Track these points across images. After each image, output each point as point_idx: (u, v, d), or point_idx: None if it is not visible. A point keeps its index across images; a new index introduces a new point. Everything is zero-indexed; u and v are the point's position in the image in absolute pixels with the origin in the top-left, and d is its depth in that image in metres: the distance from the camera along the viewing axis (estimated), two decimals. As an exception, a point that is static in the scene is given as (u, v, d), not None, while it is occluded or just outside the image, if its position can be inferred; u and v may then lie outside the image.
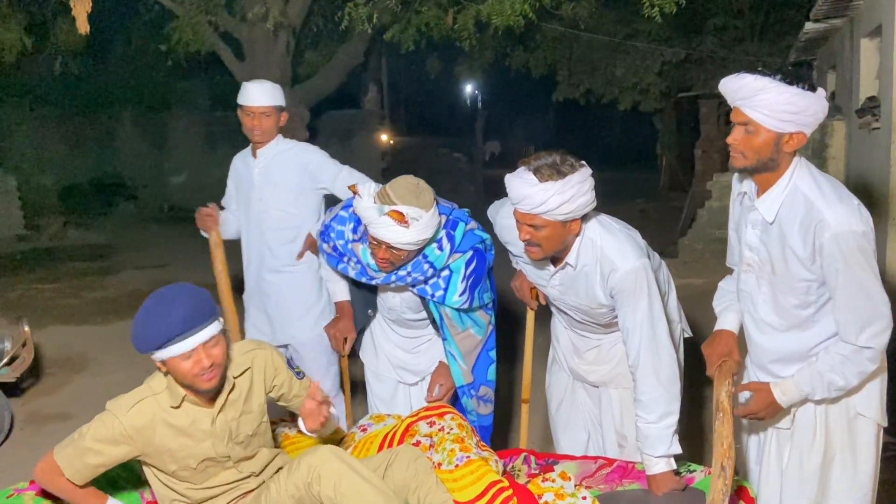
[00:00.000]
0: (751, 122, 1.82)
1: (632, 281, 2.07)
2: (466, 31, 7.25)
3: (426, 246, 2.26)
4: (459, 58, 12.01)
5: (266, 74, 8.07)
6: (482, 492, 1.99)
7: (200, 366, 1.79)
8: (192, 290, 1.84)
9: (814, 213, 1.81)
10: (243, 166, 3.03)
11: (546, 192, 1.97)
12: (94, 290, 7.43)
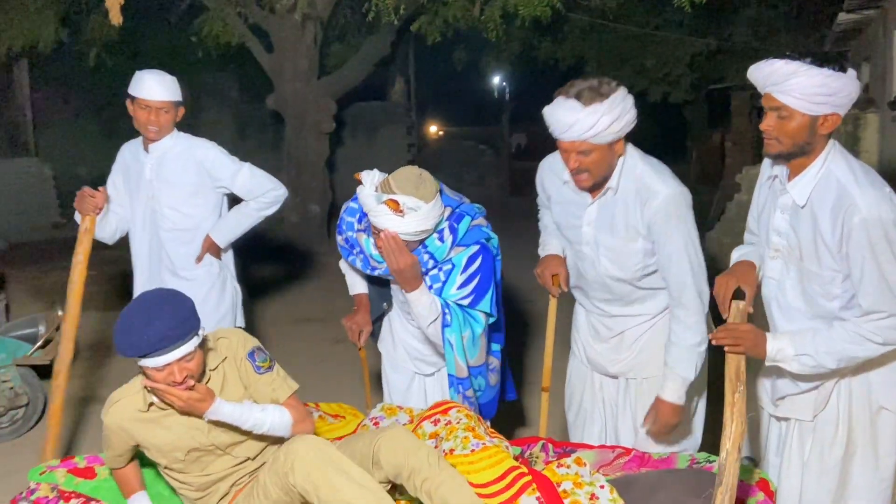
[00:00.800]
0: (784, 107, 1.81)
1: (673, 206, 2.11)
2: (493, 22, 7.25)
3: (427, 237, 2.25)
4: (486, 49, 11.98)
5: (294, 66, 8.16)
6: (500, 475, 1.98)
7: (173, 378, 1.82)
8: (175, 302, 1.84)
9: (845, 198, 1.80)
10: (133, 159, 2.90)
11: (594, 114, 2.01)
12: (124, 278, 7.60)
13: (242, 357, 2.01)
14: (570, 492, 1.95)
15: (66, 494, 2.10)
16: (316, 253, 8.04)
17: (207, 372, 1.97)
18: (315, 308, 6.24)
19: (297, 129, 8.30)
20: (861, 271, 1.80)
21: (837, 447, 1.98)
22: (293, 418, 1.99)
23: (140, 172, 2.87)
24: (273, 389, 2.01)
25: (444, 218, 2.28)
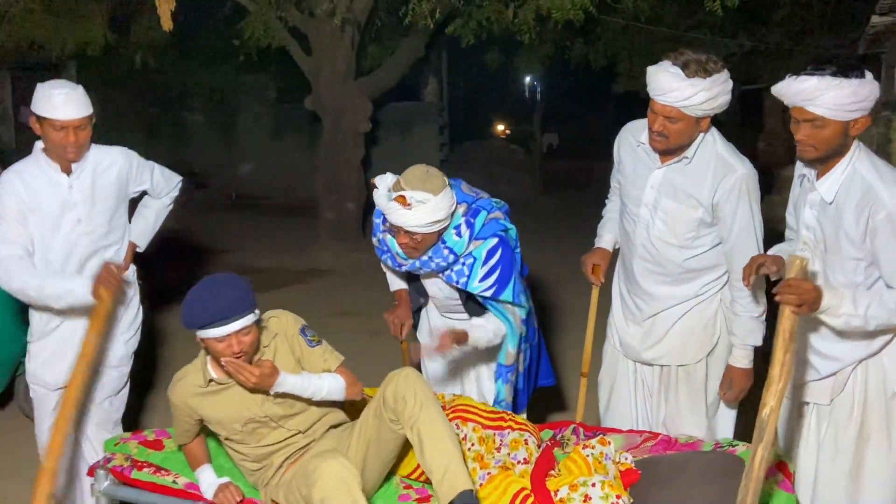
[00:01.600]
0: (818, 118, 1.93)
1: (748, 184, 2.26)
2: (527, 24, 7.38)
3: (445, 230, 2.40)
4: (519, 50, 12.08)
5: (332, 68, 8.37)
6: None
7: (231, 350, 2.04)
8: (237, 282, 2.09)
9: (870, 195, 1.93)
10: (44, 186, 2.53)
11: (694, 87, 2.14)
12: (170, 270, 7.90)
13: (294, 333, 2.23)
14: (567, 498, 2.02)
15: (139, 464, 2.32)
16: (352, 249, 8.25)
17: (261, 348, 2.16)
18: (352, 301, 6.44)
19: (334, 129, 8.51)
20: (891, 263, 1.93)
21: (851, 429, 2.09)
22: (346, 382, 2.20)
23: (60, 199, 2.54)
24: (324, 360, 2.23)
25: (461, 213, 2.43)
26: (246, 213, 11.60)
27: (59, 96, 2.45)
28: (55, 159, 2.53)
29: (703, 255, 2.40)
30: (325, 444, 2.28)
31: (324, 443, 2.29)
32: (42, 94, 2.47)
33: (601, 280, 2.68)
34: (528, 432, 2.40)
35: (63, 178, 2.55)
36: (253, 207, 12.28)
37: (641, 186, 2.43)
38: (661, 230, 2.42)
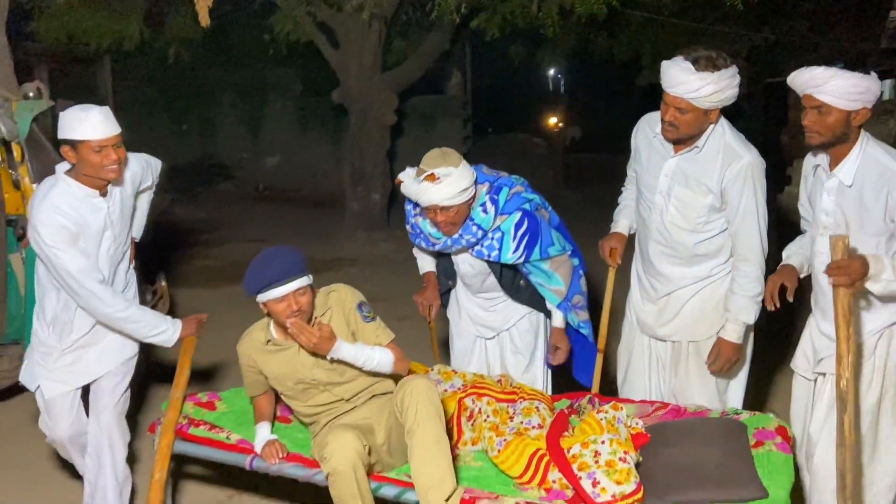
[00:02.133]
0: (824, 105, 2.15)
1: (753, 171, 2.44)
2: (550, 18, 7.53)
3: (473, 204, 2.63)
4: (542, 44, 12.19)
5: (359, 62, 8.58)
6: (527, 464, 2.30)
7: (290, 309, 2.27)
8: (290, 250, 2.34)
9: (887, 173, 2.14)
10: (89, 214, 2.51)
11: (702, 80, 2.34)
12: (201, 259, 8.20)
13: (352, 308, 2.45)
14: (578, 454, 2.22)
15: (196, 421, 2.57)
16: (377, 239, 8.48)
17: (315, 317, 2.38)
18: (378, 289, 6.65)
19: (361, 121, 8.72)
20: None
21: (871, 396, 2.25)
22: (394, 357, 2.43)
23: (100, 222, 2.54)
24: (377, 335, 2.45)
25: (484, 192, 2.65)
26: (273, 205, 11.88)
27: (95, 117, 2.40)
28: (88, 183, 2.47)
29: (713, 238, 2.58)
30: (361, 414, 2.49)
31: (361, 411, 2.50)
32: (73, 118, 2.40)
33: (618, 262, 2.88)
34: (538, 400, 2.60)
35: (102, 203, 2.52)
36: (280, 199, 12.56)
37: (656, 175, 2.62)
38: (674, 216, 2.60)
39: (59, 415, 2.65)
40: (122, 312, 2.51)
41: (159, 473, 2.39)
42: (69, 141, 2.41)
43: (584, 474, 2.13)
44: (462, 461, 2.47)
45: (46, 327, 2.61)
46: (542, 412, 2.53)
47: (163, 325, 2.60)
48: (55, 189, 2.46)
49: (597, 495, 2.08)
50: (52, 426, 2.68)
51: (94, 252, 2.51)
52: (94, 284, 2.45)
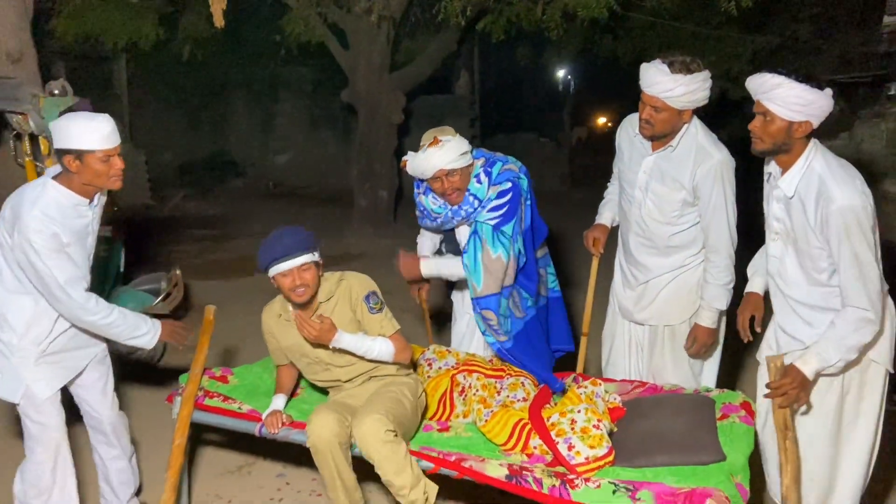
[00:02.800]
0: (768, 112, 2.21)
1: (723, 169, 2.62)
2: (554, 21, 7.73)
3: (471, 171, 2.88)
4: (548, 46, 12.38)
5: (368, 62, 8.80)
6: (511, 432, 2.52)
7: (294, 283, 2.48)
8: (298, 229, 2.55)
9: (823, 189, 2.18)
10: (75, 220, 2.49)
11: (675, 81, 2.54)
12: (213, 252, 8.45)
13: (359, 298, 2.63)
14: (557, 422, 2.43)
15: (210, 393, 2.79)
16: (383, 235, 8.70)
17: (317, 302, 2.59)
18: (383, 282, 6.82)
19: (369, 120, 8.95)
20: (839, 252, 2.17)
21: (833, 394, 2.32)
22: (395, 348, 2.61)
23: (86, 226, 2.55)
24: (381, 326, 2.63)
25: (479, 166, 2.90)
26: (283, 201, 12.13)
27: (104, 126, 2.39)
28: (81, 191, 2.46)
29: (686, 231, 2.79)
30: (357, 393, 2.69)
31: (358, 391, 2.70)
32: (79, 128, 2.36)
33: (600, 251, 3.10)
34: (524, 377, 2.82)
35: (87, 210, 2.52)
36: (290, 196, 12.80)
37: (636, 171, 2.84)
38: (650, 209, 2.82)
39: (52, 412, 2.58)
40: (105, 319, 2.48)
41: (180, 439, 2.61)
42: (74, 150, 2.36)
43: (561, 440, 2.34)
44: (454, 431, 2.69)
45: (15, 335, 2.51)
46: (526, 387, 2.75)
47: (143, 328, 2.57)
48: (45, 197, 2.40)
49: (572, 458, 2.29)
50: (46, 428, 2.57)
51: (81, 259, 2.49)
52: (80, 294, 2.42)
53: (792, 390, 2.17)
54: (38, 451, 2.56)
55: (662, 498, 2.09)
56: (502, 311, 2.90)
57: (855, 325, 2.17)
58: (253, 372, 3.03)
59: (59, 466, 2.59)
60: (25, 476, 2.61)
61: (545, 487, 2.22)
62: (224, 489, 3.19)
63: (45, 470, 2.56)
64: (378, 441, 2.35)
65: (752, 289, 2.60)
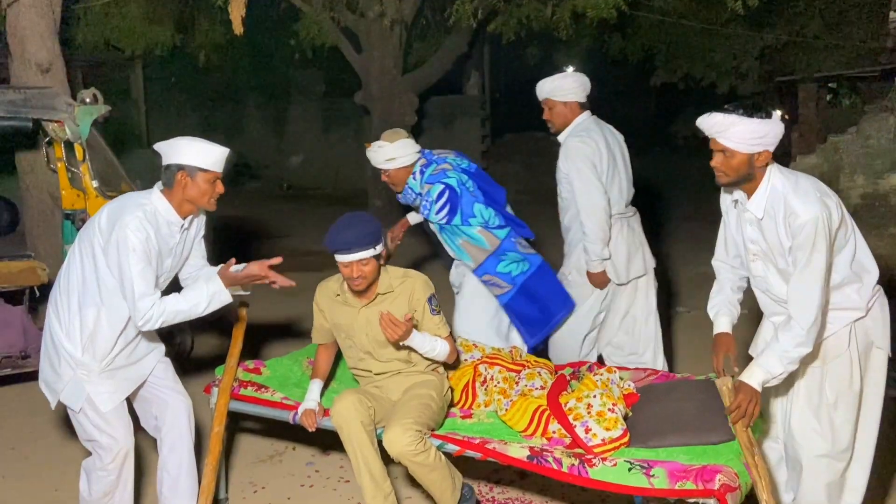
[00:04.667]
0: (727, 149, 2.30)
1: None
2: (563, 22, 7.87)
3: (408, 172, 3.40)
4: (558, 45, 12.50)
5: (380, 65, 8.97)
6: (531, 419, 2.65)
7: (352, 274, 2.64)
8: (364, 221, 2.68)
9: (787, 206, 2.27)
10: (167, 237, 2.62)
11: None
12: (229, 255, 8.63)
13: (420, 299, 2.76)
14: (574, 407, 2.57)
15: (245, 383, 2.96)
16: (398, 234, 8.86)
17: (376, 293, 2.73)
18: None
19: (383, 122, 9.09)
20: (796, 260, 2.27)
21: (855, 384, 2.40)
22: (450, 351, 2.80)
23: (170, 248, 2.66)
24: (438, 327, 2.79)
25: (419, 165, 3.41)
26: (297, 202, 12.32)
27: (220, 151, 2.59)
28: (181, 210, 2.60)
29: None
30: (381, 386, 2.83)
31: (383, 384, 2.83)
32: (200, 148, 2.55)
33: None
34: (541, 367, 2.98)
35: (178, 231, 2.64)
36: (304, 197, 12.98)
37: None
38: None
39: (118, 422, 2.64)
40: (160, 321, 2.53)
41: (218, 427, 2.77)
42: (188, 167, 2.53)
43: (578, 423, 2.48)
44: (476, 418, 2.84)
45: (80, 346, 2.59)
46: (543, 376, 2.89)
47: (202, 304, 2.60)
48: (150, 204, 2.57)
49: (589, 440, 2.43)
50: (114, 438, 2.64)
51: (154, 275, 2.56)
52: (144, 306, 2.48)
53: (749, 406, 2.28)
54: (107, 459, 2.64)
55: (675, 474, 2.23)
56: (500, 269, 3.39)
57: (797, 341, 2.28)
58: (283, 364, 3.19)
59: (125, 470, 2.69)
60: (91, 477, 2.70)
61: (564, 466, 2.37)
62: (257, 477, 3.35)
63: (111, 473, 2.66)
64: (410, 456, 2.52)
65: (721, 329, 2.59)
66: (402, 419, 2.55)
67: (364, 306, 2.76)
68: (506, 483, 3.23)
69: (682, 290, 6.61)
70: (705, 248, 3.07)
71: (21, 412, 4.02)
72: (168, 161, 2.57)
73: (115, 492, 2.69)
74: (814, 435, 2.44)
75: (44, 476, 3.38)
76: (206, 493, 2.69)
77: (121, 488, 2.70)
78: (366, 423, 2.60)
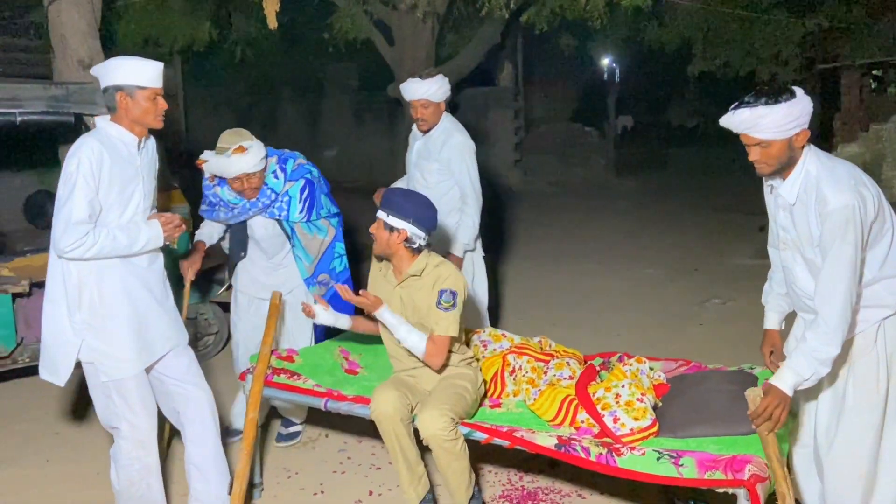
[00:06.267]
0: (762, 141, 2.20)
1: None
2: (597, 11, 7.78)
3: (268, 168, 3.18)
4: (593, 34, 12.36)
5: (413, 57, 8.98)
6: (559, 408, 2.66)
7: (372, 229, 2.74)
8: (411, 196, 2.75)
9: (819, 192, 2.18)
10: (125, 157, 2.61)
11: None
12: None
13: (437, 288, 2.70)
14: (602, 397, 2.57)
15: (277, 370, 3.01)
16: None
17: (406, 273, 2.75)
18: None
19: (415, 114, 9.14)
20: (826, 252, 2.16)
21: (881, 386, 2.29)
22: (427, 349, 2.69)
23: (134, 173, 2.64)
24: (435, 322, 2.70)
25: (274, 163, 3.24)
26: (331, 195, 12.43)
27: (154, 66, 2.54)
28: (129, 129, 2.57)
29: None
30: (416, 375, 2.85)
31: (416, 373, 2.84)
32: (133, 65, 2.50)
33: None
34: (570, 358, 2.97)
35: (136, 154, 2.62)
36: (336, 189, 13.03)
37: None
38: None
39: (143, 410, 2.65)
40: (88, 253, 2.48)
41: (252, 413, 2.83)
42: (126, 87, 2.49)
43: (606, 413, 2.48)
44: (505, 408, 2.85)
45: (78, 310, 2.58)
46: (572, 366, 2.90)
47: (140, 242, 2.59)
48: (100, 132, 2.55)
49: (617, 429, 2.43)
50: (135, 425, 2.65)
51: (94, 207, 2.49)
52: (78, 228, 2.43)
53: (776, 410, 2.16)
54: (127, 446, 2.67)
55: (704, 464, 2.22)
56: (334, 265, 3.45)
57: (824, 340, 2.17)
58: (315, 352, 3.24)
59: (149, 459, 2.71)
60: (117, 466, 2.74)
61: (592, 455, 2.37)
62: (291, 462, 3.42)
63: (134, 461, 2.70)
64: (441, 441, 2.55)
65: (768, 325, 2.57)
66: (440, 404, 2.59)
67: (398, 285, 2.78)
68: (535, 472, 3.24)
69: (718, 281, 6.53)
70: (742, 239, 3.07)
71: (63, 398, 4.16)
72: (105, 84, 2.53)
73: (141, 481, 2.72)
74: (837, 438, 2.35)
75: (86, 460, 3.50)
76: (242, 477, 2.75)
77: (147, 477, 2.73)
78: (404, 418, 2.65)
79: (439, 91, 3.71)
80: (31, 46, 9.91)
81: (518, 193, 12.67)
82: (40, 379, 2.72)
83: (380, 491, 3.14)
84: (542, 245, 8.48)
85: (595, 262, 7.57)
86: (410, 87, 3.72)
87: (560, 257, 7.86)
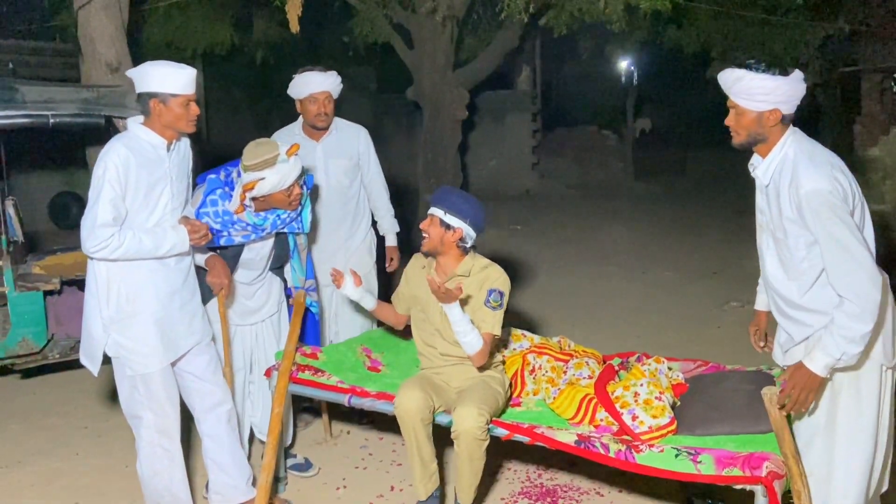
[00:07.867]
0: (736, 106, 2.19)
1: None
2: (616, 14, 7.80)
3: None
4: (611, 37, 12.36)
5: (432, 60, 9.05)
6: (578, 407, 2.71)
7: (422, 226, 2.78)
8: (462, 196, 2.79)
9: (794, 176, 2.12)
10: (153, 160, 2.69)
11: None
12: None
13: (486, 288, 2.76)
14: (621, 395, 2.61)
15: (302, 367, 3.08)
16: (449, 228, 8.94)
17: (454, 272, 2.80)
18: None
19: (434, 117, 9.20)
20: (818, 236, 2.09)
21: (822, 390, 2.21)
22: (479, 349, 2.69)
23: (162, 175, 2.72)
24: (482, 320, 2.74)
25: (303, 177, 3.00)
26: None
27: (188, 73, 2.61)
28: (160, 133, 2.64)
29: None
30: (445, 373, 2.89)
31: (446, 371, 2.88)
32: (167, 73, 2.57)
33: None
34: (589, 357, 3.02)
35: (165, 155, 2.68)
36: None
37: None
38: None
39: (167, 401, 2.72)
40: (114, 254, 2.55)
41: (278, 409, 2.90)
42: (160, 94, 2.57)
43: (625, 411, 2.52)
44: (525, 406, 2.91)
45: (108, 305, 2.65)
46: (591, 366, 2.94)
47: (165, 245, 2.64)
48: (129, 134, 2.64)
49: (636, 427, 2.47)
50: (157, 415, 2.72)
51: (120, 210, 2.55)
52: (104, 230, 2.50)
53: (801, 393, 2.12)
54: (148, 436, 2.76)
55: (722, 461, 2.25)
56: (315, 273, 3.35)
57: (849, 317, 2.07)
58: (339, 350, 3.31)
59: (172, 449, 2.79)
60: (140, 456, 2.81)
61: (612, 451, 2.41)
62: (314, 457, 3.48)
63: (155, 450, 2.78)
64: (473, 438, 2.59)
65: (757, 306, 2.60)
66: (480, 403, 2.63)
67: (442, 283, 2.82)
68: (554, 470, 3.28)
69: (737, 284, 6.52)
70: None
71: (93, 392, 4.26)
72: (139, 90, 2.62)
73: (164, 471, 2.79)
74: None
75: (115, 453, 3.59)
76: (267, 470, 2.82)
77: (170, 468, 2.80)
78: (425, 418, 2.70)
79: (339, 86, 3.72)
80: (56, 49, 10.12)
81: (536, 196, 12.70)
82: (68, 375, 2.81)
83: (401, 486, 3.20)
84: (561, 248, 8.52)
85: (614, 264, 7.60)
86: (313, 80, 3.56)
87: (578, 260, 7.90)
